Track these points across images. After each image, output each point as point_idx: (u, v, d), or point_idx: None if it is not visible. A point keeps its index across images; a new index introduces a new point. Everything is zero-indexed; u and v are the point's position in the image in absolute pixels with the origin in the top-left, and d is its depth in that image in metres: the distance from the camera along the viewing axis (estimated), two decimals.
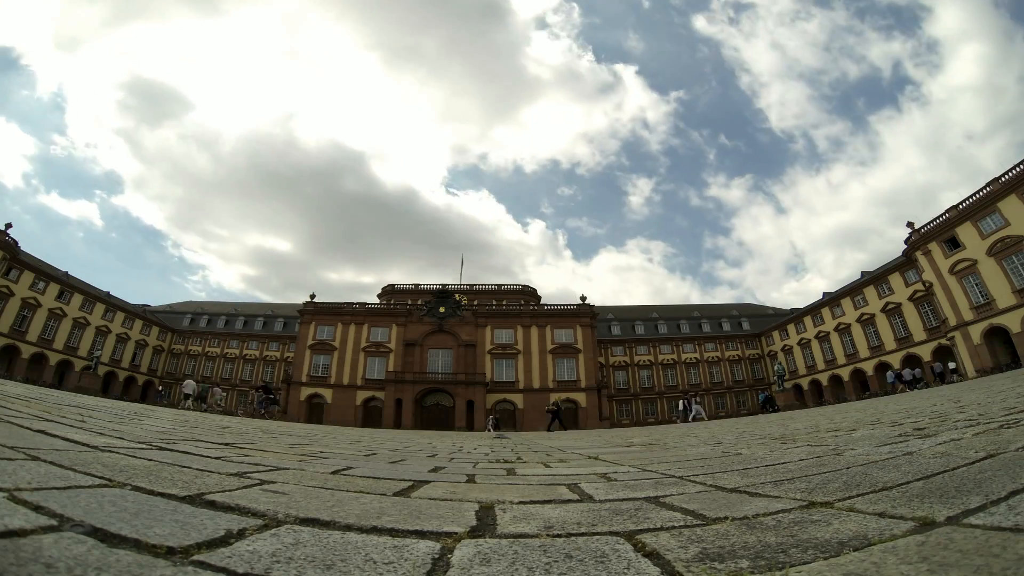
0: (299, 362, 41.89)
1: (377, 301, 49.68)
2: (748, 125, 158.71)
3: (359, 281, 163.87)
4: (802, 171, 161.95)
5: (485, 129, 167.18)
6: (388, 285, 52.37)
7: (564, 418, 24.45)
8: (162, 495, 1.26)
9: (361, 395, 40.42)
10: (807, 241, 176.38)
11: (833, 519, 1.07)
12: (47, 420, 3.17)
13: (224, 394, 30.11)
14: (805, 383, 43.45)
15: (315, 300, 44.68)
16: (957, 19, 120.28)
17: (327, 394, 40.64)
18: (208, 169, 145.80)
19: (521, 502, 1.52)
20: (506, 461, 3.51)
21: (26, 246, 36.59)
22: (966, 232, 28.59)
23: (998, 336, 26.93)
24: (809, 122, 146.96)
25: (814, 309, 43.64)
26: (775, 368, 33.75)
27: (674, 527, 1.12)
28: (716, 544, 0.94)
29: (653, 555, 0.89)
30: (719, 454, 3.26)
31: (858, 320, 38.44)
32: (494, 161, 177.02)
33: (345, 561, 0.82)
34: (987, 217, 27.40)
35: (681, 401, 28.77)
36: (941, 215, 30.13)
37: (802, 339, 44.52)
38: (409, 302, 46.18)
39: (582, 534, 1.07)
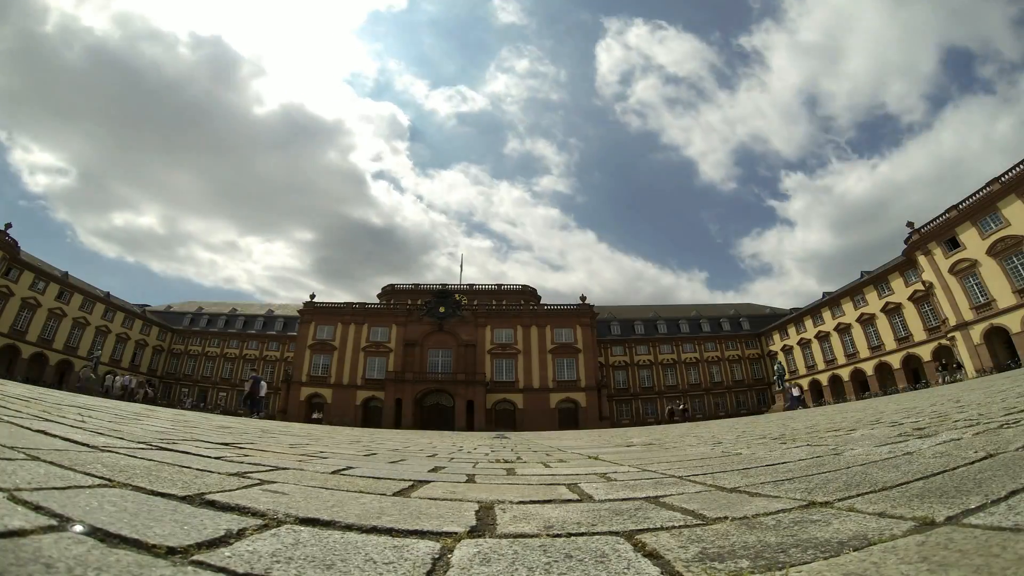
0: (299, 362, 41.87)
1: (377, 301, 49.68)
2: None
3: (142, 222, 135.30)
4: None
5: None
6: (388, 285, 52.36)
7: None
8: (162, 495, 1.26)
9: (361, 395, 40.40)
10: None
11: (833, 519, 1.07)
12: (47, 420, 3.17)
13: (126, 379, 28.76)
14: (805, 383, 43.43)
15: (315, 300, 44.72)
16: None
17: (327, 394, 40.63)
18: None
19: (521, 502, 1.52)
20: (506, 461, 3.51)
21: None
22: (966, 232, 28.58)
23: (998, 336, 26.92)
24: None
25: (814, 309, 43.63)
26: (775, 368, 33.76)
27: (674, 527, 1.12)
28: (716, 544, 0.94)
29: (653, 555, 0.89)
30: (719, 454, 3.26)
31: (858, 320, 38.43)
32: None
33: (345, 561, 0.82)
34: (987, 217, 27.39)
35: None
36: (941, 215, 30.14)
37: (802, 339, 44.51)
38: (409, 302, 46.16)
39: (582, 534, 1.07)
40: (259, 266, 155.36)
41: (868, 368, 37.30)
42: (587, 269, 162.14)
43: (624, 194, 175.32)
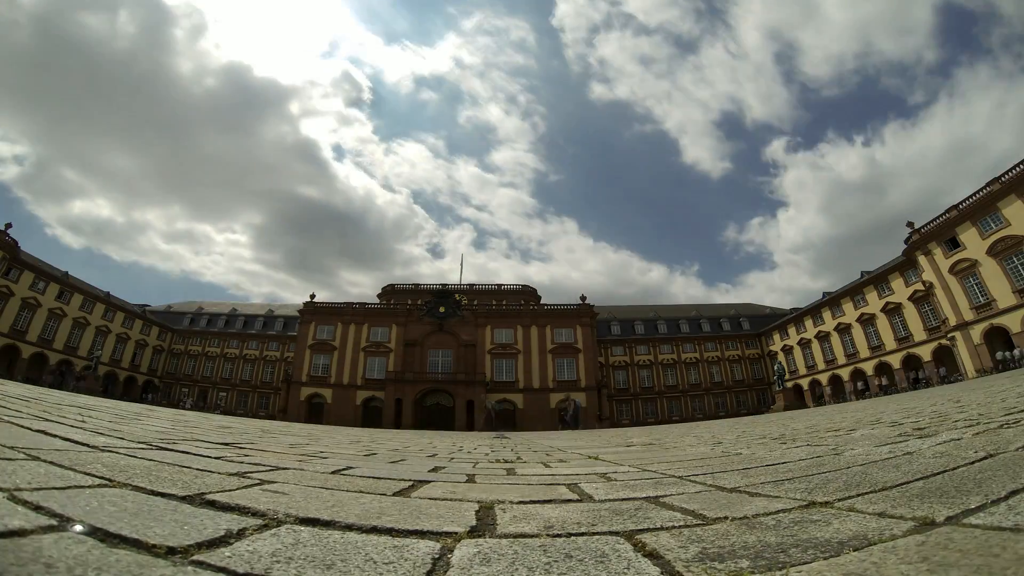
0: (299, 362, 41.86)
1: (377, 301, 49.70)
2: None
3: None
4: None
5: None
6: (388, 285, 52.36)
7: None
8: (162, 495, 1.26)
9: (361, 395, 40.39)
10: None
11: (833, 519, 1.07)
12: (47, 420, 3.17)
13: None
14: (805, 383, 43.42)
15: (315, 300, 44.73)
16: None
17: (327, 394, 40.62)
18: None
19: (521, 502, 1.52)
20: (506, 461, 3.51)
21: None
22: (966, 232, 28.57)
23: (998, 336, 26.91)
24: None
25: (814, 309, 43.63)
26: (775, 368, 33.76)
27: (674, 527, 1.12)
28: (716, 544, 0.94)
29: (653, 555, 0.89)
30: (719, 454, 3.26)
31: (858, 320, 38.42)
32: None
33: (345, 561, 0.82)
34: (987, 217, 27.39)
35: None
36: (941, 215, 30.14)
37: (802, 339, 44.49)
38: (409, 302, 46.15)
39: (582, 534, 1.07)
40: (225, 257, 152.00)
41: (868, 368, 37.30)
42: (570, 260, 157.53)
43: (602, 175, 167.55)
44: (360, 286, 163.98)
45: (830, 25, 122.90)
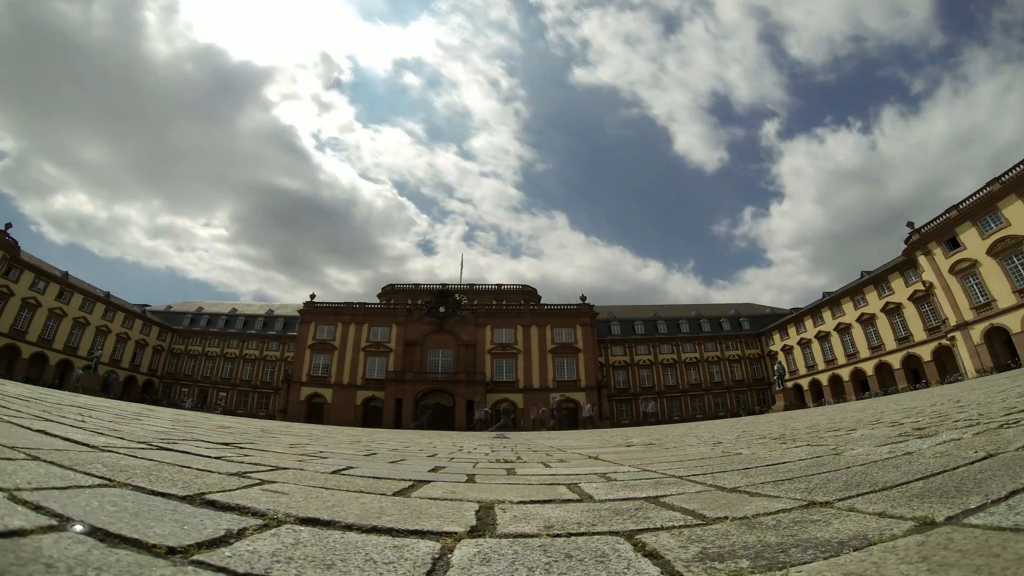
0: (299, 362, 41.86)
1: (377, 301, 49.69)
2: None
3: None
4: None
5: None
6: (388, 285, 52.36)
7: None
8: (162, 495, 1.26)
9: (361, 395, 40.40)
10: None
11: (833, 519, 1.07)
12: (47, 420, 3.17)
13: None
14: (805, 383, 43.41)
15: (315, 300, 44.73)
16: None
17: (327, 394, 40.62)
18: None
19: (521, 502, 1.52)
20: (506, 461, 3.51)
21: None
22: (966, 232, 28.57)
23: (998, 336, 26.92)
24: None
25: (814, 309, 43.63)
26: (775, 368, 33.75)
27: (674, 527, 1.12)
28: (716, 544, 0.94)
29: (653, 555, 0.89)
30: (719, 454, 3.26)
31: (858, 320, 38.41)
32: None
33: (345, 561, 0.82)
34: (987, 217, 27.39)
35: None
36: (941, 215, 30.14)
37: (802, 339, 44.49)
38: (409, 302, 46.15)
39: (582, 534, 1.07)
40: (209, 254, 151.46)
41: (868, 368, 37.29)
42: (562, 256, 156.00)
43: (592, 166, 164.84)
44: (349, 284, 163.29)
45: (819, 3, 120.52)
